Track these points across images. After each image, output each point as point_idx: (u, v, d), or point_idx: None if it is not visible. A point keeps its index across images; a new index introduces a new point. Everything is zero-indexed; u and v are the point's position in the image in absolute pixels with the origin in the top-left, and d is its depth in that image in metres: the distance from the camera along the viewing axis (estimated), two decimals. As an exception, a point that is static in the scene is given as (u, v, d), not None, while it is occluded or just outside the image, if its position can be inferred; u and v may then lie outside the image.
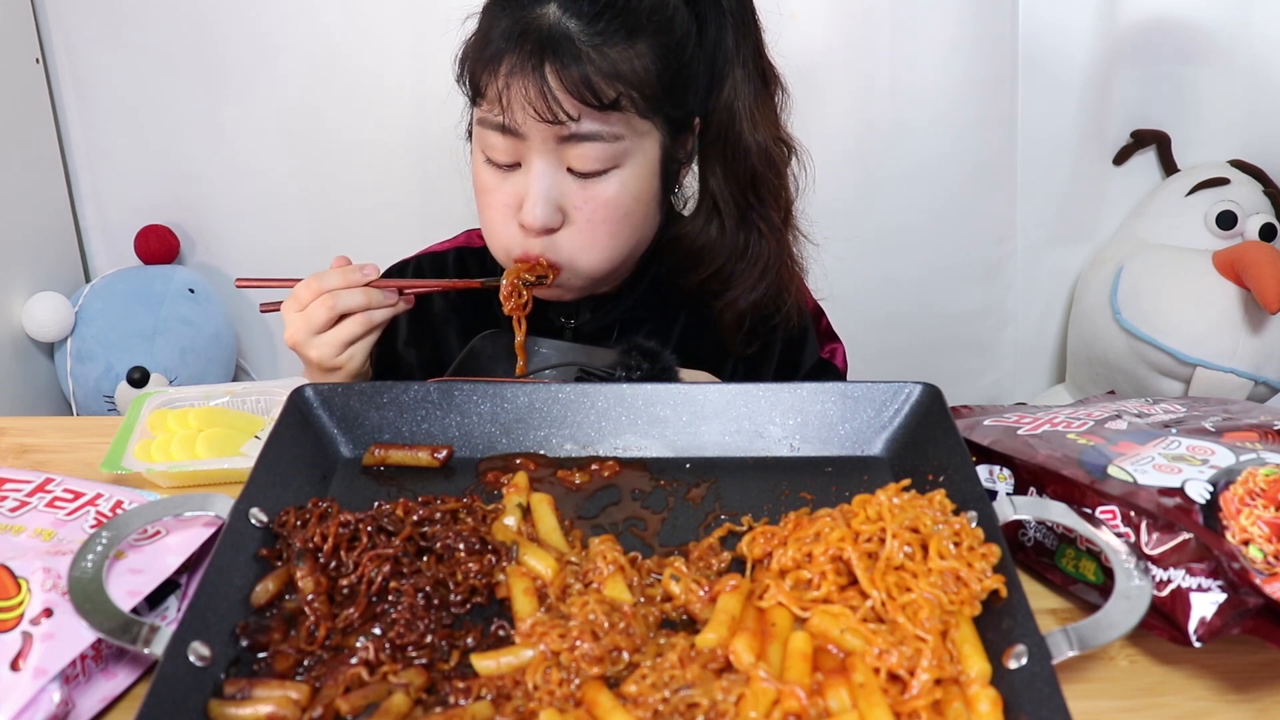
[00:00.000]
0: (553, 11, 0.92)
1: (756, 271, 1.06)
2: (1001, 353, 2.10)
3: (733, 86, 1.01)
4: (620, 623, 0.66)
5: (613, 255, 1.02)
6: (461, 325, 1.15)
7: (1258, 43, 1.88)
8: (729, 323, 1.10)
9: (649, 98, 0.95)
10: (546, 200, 0.96)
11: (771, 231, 1.06)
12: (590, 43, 0.91)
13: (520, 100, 0.92)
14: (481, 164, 1.00)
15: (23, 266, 1.87)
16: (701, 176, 1.07)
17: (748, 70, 1.02)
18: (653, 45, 0.94)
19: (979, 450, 0.83)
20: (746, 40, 1.02)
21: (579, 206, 0.98)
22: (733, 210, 1.05)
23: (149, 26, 1.86)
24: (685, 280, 1.08)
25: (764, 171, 1.03)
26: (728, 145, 1.03)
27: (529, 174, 0.96)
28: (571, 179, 0.97)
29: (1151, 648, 0.71)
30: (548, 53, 0.90)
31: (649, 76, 0.94)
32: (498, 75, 0.92)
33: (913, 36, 1.83)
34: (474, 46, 0.97)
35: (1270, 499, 0.69)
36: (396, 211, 1.92)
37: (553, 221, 0.98)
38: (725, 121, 1.02)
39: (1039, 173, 1.94)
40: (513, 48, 0.91)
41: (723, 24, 1.00)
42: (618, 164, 0.97)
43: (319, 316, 0.96)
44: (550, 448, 0.87)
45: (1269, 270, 1.69)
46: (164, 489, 0.88)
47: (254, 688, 0.62)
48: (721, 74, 1.02)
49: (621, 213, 0.99)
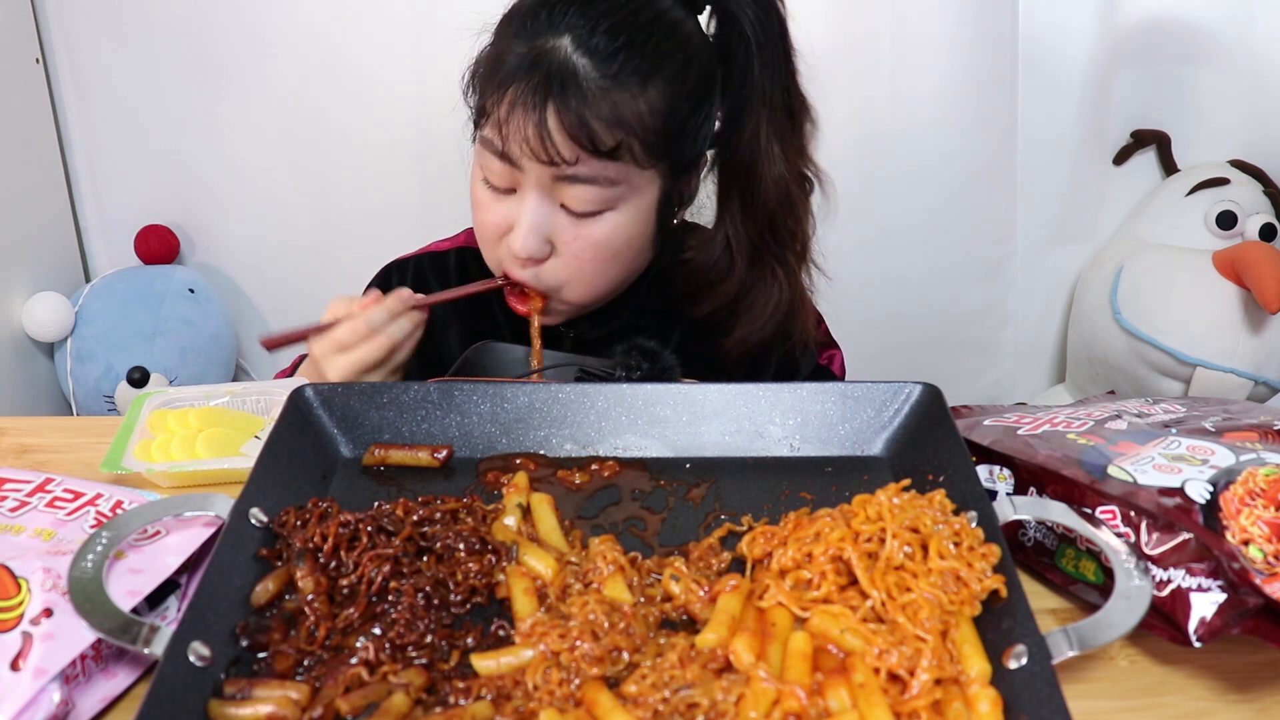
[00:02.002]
0: (566, 45, 0.89)
1: (765, 313, 1.05)
2: (1001, 353, 2.10)
3: (756, 123, 0.98)
4: (620, 623, 0.66)
5: (597, 290, 1.02)
6: (461, 328, 1.15)
7: (1258, 43, 1.88)
8: (735, 358, 1.08)
9: (650, 146, 0.93)
10: (535, 233, 0.96)
11: (786, 274, 1.04)
12: (598, 84, 0.89)
13: (518, 136, 0.90)
14: (479, 180, 0.99)
15: (23, 266, 1.87)
16: (719, 209, 1.04)
17: (773, 106, 0.98)
18: (665, 91, 0.91)
19: (979, 450, 0.83)
20: (775, 74, 0.98)
21: (568, 242, 0.97)
22: (746, 247, 1.03)
23: (149, 26, 1.86)
24: (692, 310, 1.07)
25: (781, 214, 1.01)
26: (748, 184, 1.00)
27: (522, 203, 0.96)
28: (564, 215, 0.96)
29: (1151, 648, 0.71)
30: (553, 89, 0.88)
31: (654, 123, 0.92)
32: (501, 103, 0.91)
33: (913, 37, 1.82)
34: (486, 65, 0.95)
35: (1270, 499, 0.69)
36: (397, 211, 1.92)
37: (540, 253, 0.97)
38: (747, 158, 0.99)
39: (1039, 173, 1.94)
40: (520, 78, 0.89)
41: (749, 58, 0.96)
42: (612, 207, 0.96)
43: (373, 354, 0.97)
44: (550, 448, 0.87)
45: (1269, 270, 1.69)
46: (164, 489, 0.88)
47: (254, 688, 0.62)
48: (745, 109, 0.98)
49: (610, 254, 0.99)
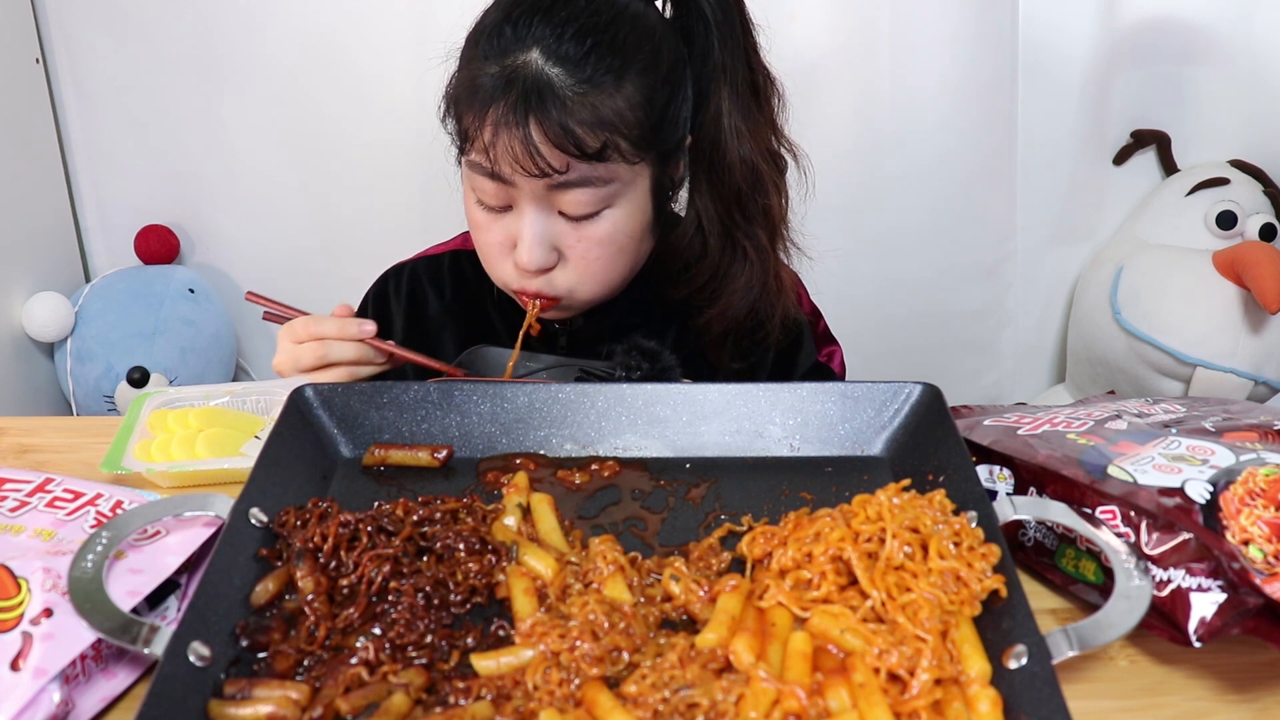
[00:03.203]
0: (536, 59, 0.89)
1: (739, 289, 1.05)
2: (1001, 353, 2.10)
3: (719, 101, 0.99)
4: (620, 623, 0.66)
5: (610, 284, 1.03)
6: (457, 332, 1.15)
7: (1258, 43, 1.88)
8: (714, 336, 1.08)
9: (637, 140, 0.93)
10: (541, 244, 0.96)
11: (757, 250, 1.04)
12: (575, 90, 0.89)
13: (506, 155, 0.90)
14: (473, 202, 0.99)
15: (23, 266, 1.87)
16: (690, 191, 1.05)
17: (735, 82, 0.99)
18: (640, 84, 0.92)
19: (979, 450, 0.83)
20: (735, 50, 0.99)
21: (573, 246, 0.97)
22: (717, 227, 1.03)
23: (149, 27, 1.86)
24: (671, 292, 1.08)
25: (749, 190, 1.01)
26: (714, 162, 1.01)
27: (521, 218, 0.96)
28: (564, 220, 0.96)
29: (1151, 648, 0.71)
30: (532, 104, 0.88)
31: (635, 118, 0.92)
32: (484, 126, 0.90)
33: (913, 37, 1.83)
34: (459, 89, 0.95)
35: (1270, 499, 0.69)
36: (396, 212, 1.92)
37: (548, 263, 0.98)
38: (712, 137, 1.00)
39: (1039, 173, 1.94)
40: (498, 98, 0.89)
41: (709, 37, 0.98)
42: (609, 204, 0.96)
43: (307, 358, 0.97)
44: (550, 448, 0.87)
45: (1269, 270, 1.69)
46: (164, 489, 0.88)
47: (254, 688, 0.62)
48: (707, 89, 0.99)
49: (615, 248, 0.99)
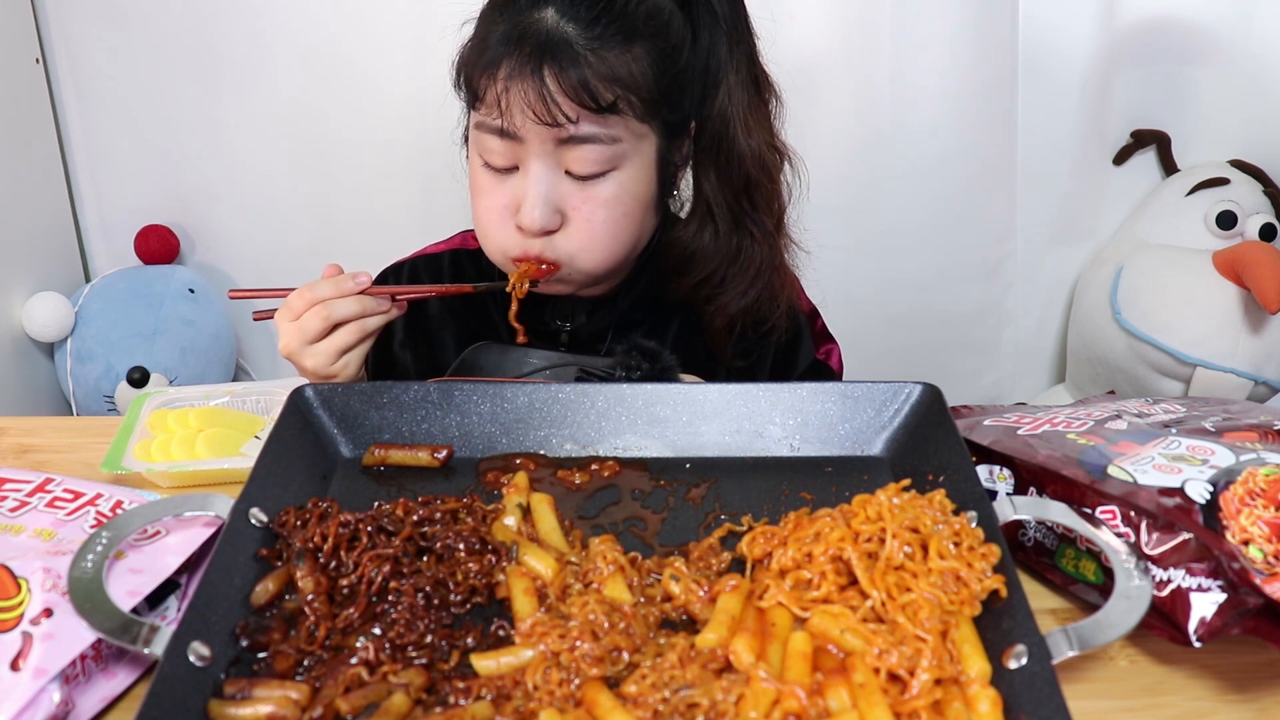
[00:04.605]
0: (550, 16, 0.93)
1: (748, 277, 1.07)
2: (1001, 353, 2.10)
3: (726, 93, 1.02)
4: (620, 623, 0.66)
5: (613, 253, 1.03)
6: (457, 328, 1.15)
7: (1258, 43, 1.88)
8: (719, 328, 1.10)
9: (646, 101, 0.96)
10: (545, 202, 0.97)
11: (764, 237, 1.06)
12: (588, 46, 0.92)
13: (520, 104, 0.92)
14: (479, 167, 1.00)
15: (23, 266, 1.87)
16: (696, 181, 1.07)
17: (741, 77, 1.02)
18: (649, 50, 0.95)
19: (979, 450, 0.83)
20: (739, 48, 1.02)
21: (577, 207, 0.98)
22: (726, 215, 1.05)
23: (149, 26, 1.86)
24: (678, 284, 1.09)
25: (758, 176, 1.04)
26: (721, 151, 1.03)
27: (527, 177, 0.97)
28: (569, 181, 0.97)
29: (1151, 648, 0.71)
30: (546, 56, 0.91)
31: (646, 80, 0.95)
32: (496, 79, 0.93)
33: (913, 37, 1.83)
34: (471, 51, 0.98)
35: (1270, 499, 0.69)
36: (396, 212, 1.92)
37: (551, 223, 0.98)
38: (719, 127, 1.03)
39: (1039, 173, 1.94)
40: (511, 52, 0.92)
41: (716, 31, 1.01)
42: (615, 166, 0.97)
43: (313, 326, 0.96)
44: (550, 448, 0.87)
45: (1269, 270, 1.69)
46: (164, 489, 0.88)
47: (254, 688, 0.62)
48: (715, 80, 1.02)
49: (620, 212, 1.00)
